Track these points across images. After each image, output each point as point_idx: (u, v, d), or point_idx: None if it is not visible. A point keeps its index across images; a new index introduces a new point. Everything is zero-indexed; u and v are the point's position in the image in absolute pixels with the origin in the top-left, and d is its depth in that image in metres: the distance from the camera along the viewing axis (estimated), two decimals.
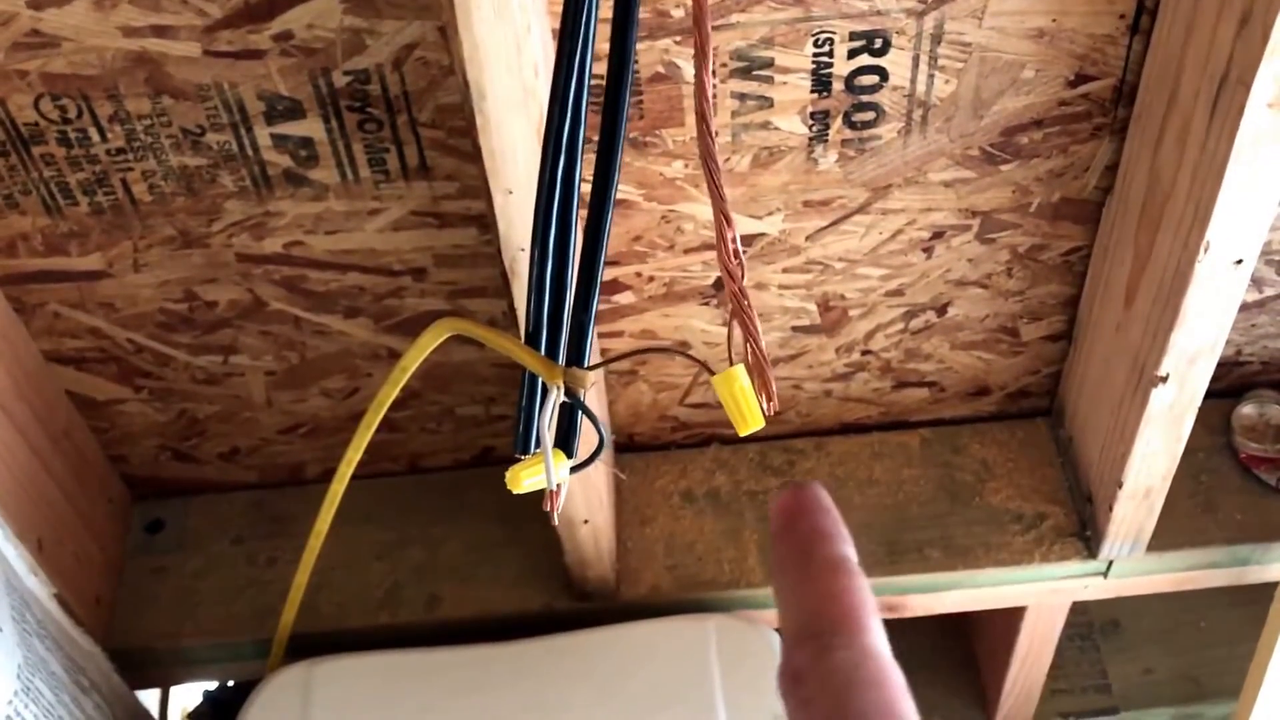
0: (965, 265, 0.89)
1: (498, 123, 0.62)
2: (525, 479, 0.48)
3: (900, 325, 0.94)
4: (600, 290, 0.58)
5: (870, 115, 0.78)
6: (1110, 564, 0.96)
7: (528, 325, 0.51)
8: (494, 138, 0.63)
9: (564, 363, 0.50)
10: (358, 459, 0.80)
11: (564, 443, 0.49)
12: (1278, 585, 0.95)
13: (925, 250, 0.88)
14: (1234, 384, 1.03)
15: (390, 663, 0.93)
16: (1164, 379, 0.80)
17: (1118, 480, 0.88)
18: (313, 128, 0.76)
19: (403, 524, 1.01)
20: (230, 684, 1.10)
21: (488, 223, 0.75)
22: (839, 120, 0.78)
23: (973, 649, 1.24)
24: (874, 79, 0.76)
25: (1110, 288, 0.86)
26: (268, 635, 0.94)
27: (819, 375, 0.98)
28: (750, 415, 0.46)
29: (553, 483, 0.48)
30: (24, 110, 0.74)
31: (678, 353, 0.55)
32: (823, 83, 0.76)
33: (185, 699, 1.15)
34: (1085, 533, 0.96)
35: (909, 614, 0.98)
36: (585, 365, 0.50)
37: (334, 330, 0.90)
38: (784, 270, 0.88)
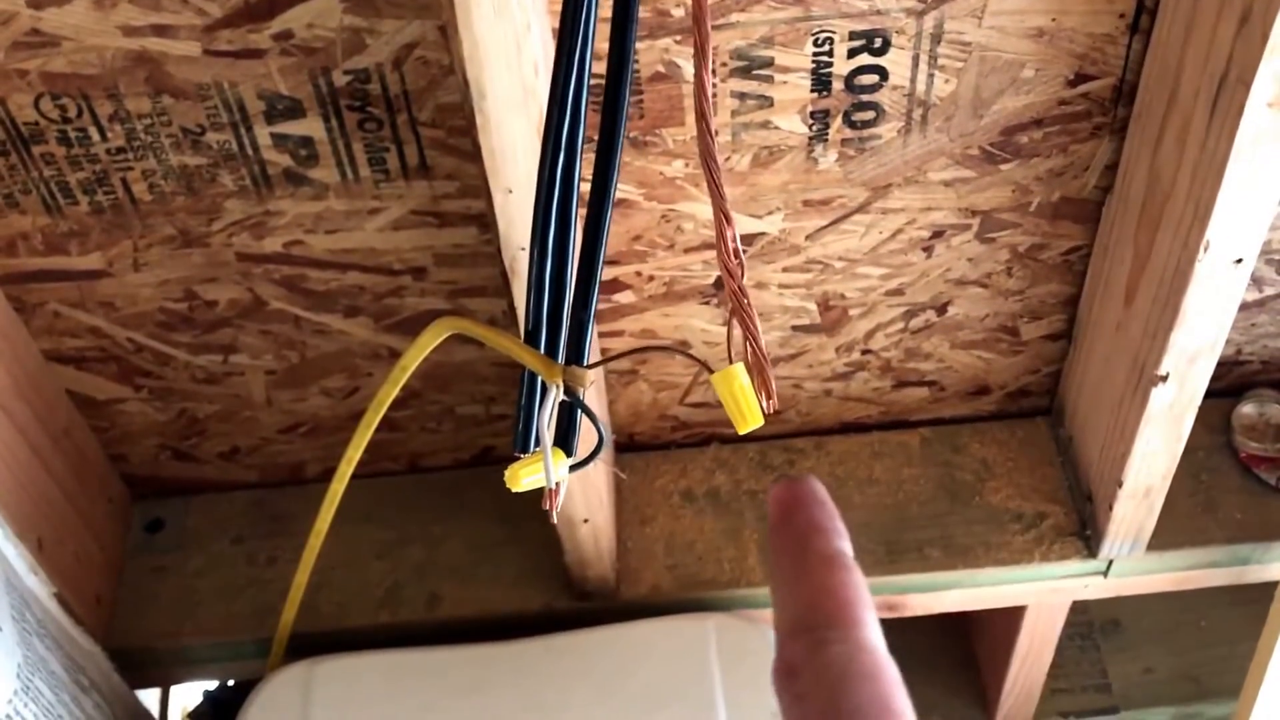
0: (965, 264, 0.89)
1: (498, 122, 0.62)
2: (524, 477, 0.48)
3: (900, 324, 0.94)
4: (600, 289, 0.58)
5: (870, 114, 0.78)
6: (1110, 563, 0.96)
7: (527, 324, 0.51)
8: (494, 137, 0.63)
9: (563, 361, 0.50)
10: (358, 458, 0.80)
11: (563, 441, 0.49)
12: (1278, 584, 0.95)
13: (925, 249, 0.88)
14: (1234, 383, 1.03)
15: (390, 662, 0.93)
16: (1164, 378, 0.80)
17: (1118, 479, 0.88)
18: (313, 127, 0.76)
19: (403, 523, 1.01)
20: (230, 683, 1.10)
21: (488, 222, 0.75)
22: (839, 119, 0.78)
23: (973, 648, 1.24)
24: (874, 78, 0.76)
25: (1110, 287, 0.86)
26: (268, 634, 0.94)
27: (819, 374, 0.98)
28: (750, 414, 0.46)
29: (552, 481, 0.48)
30: (24, 109, 0.74)
31: (677, 351, 0.55)
32: (823, 82, 0.76)
33: (185, 698, 1.15)
34: (1085, 532, 0.96)
35: (909, 613, 0.98)
36: (585, 364, 0.50)
37: (334, 329, 0.90)
38: (784, 269, 0.88)
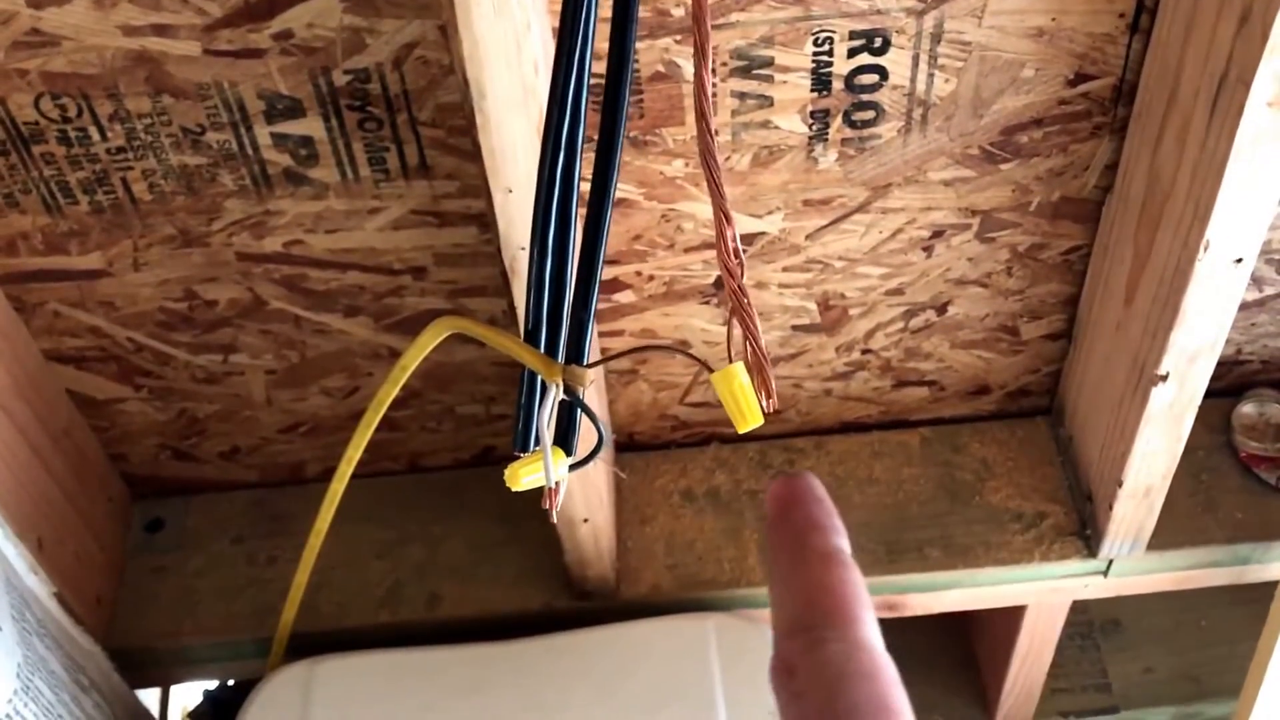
0: (965, 264, 0.89)
1: (498, 121, 0.62)
2: (524, 476, 0.48)
3: (900, 324, 0.94)
4: (600, 289, 0.58)
5: (870, 114, 0.78)
6: (1110, 563, 0.96)
7: (527, 323, 0.51)
8: (494, 136, 0.63)
9: (563, 360, 0.50)
10: (358, 458, 0.80)
11: (563, 440, 0.49)
12: (1278, 584, 0.95)
13: (925, 249, 0.88)
14: (1234, 383, 1.03)
15: (390, 661, 0.93)
16: (1164, 378, 0.80)
17: (1118, 479, 0.88)
18: (313, 127, 0.76)
19: (403, 523, 1.01)
20: (230, 683, 1.10)
21: (488, 221, 0.75)
22: (839, 119, 0.78)
23: (973, 648, 1.24)
24: (874, 78, 0.76)
25: (1110, 286, 0.86)
26: (268, 634, 0.94)
27: (819, 374, 0.98)
28: (749, 412, 0.46)
29: (551, 480, 0.48)
30: (24, 109, 0.74)
31: (677, 350, 0.55)
32: (823, 82, 0.76)
33: (185, 698, 1.15)
34: (1085, 532, 0.96)
35: (909, 613, 0.98)
36: (585, 363, 0.50)
37: (334, 329, 0.90)
38: (784, 269, 0.88)
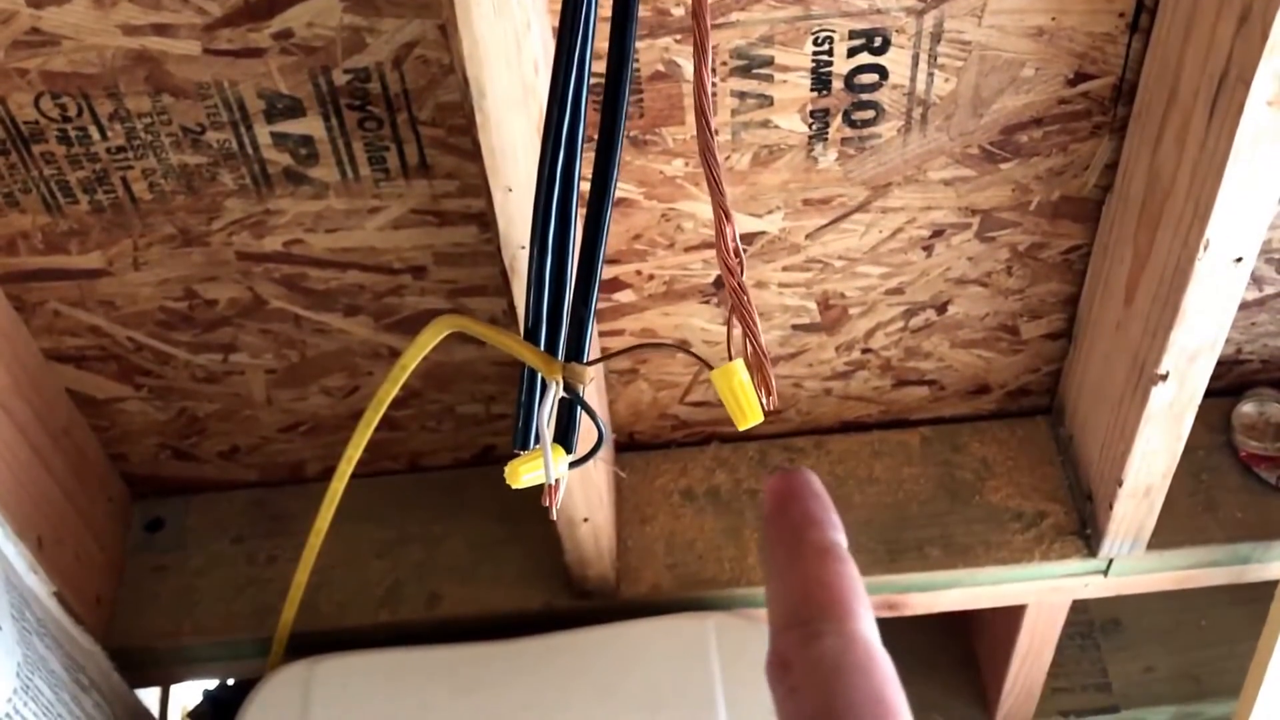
0: (965, 263, 0.89)
1: (498, 120, 0.62)
2: (524, 474, 0.48)
3: (900, 323, 0.94)
4: (600, 288, 0.58)
5: (870, 114, 0.78)
6: (1110, 562, 0.96)
7: (527, 321, 0.51)
8: (494, 135, 0.63)
9: (563, 358, 0.50)
10: (358, 457, 0.80)
11: (563, 438, 0.49)
12: (1278, 584, 0.95)
13: (925, 248, 0.88)
14: (1234, 382, 1.03)
15: (390, 661, 0.93)
16: (1164, 377, 0.80)
17: (1118, 478, 0.88)
18: (313, 126, 0.76)
19: (403, 522, 1.01)
20: (230, 683, 1.10)
21: (488, 221, 0.75)
22: (839, 118, 0.78)
23: (973, 647, 1.24)
24: (874, 77, 0.76)
25: (1110, 286, 0.86)
26: (268, 634, 0.94)
27: (819, 373, 0.98)
28: (749, 410, 0.46)
29: (551, 478, 0.48)
30: (24, 109, 0.74)
31: (677, 349, 0.55)
32: (822, 81, 0.76)
33: (185, 698, 1.15)
34: (1085, 531, 0.96)
35: (909, 612, 0.98)
36: (584, 361, 0.50)
37: (334, 328, 0.90)
38: (784, 268, 0.88)
